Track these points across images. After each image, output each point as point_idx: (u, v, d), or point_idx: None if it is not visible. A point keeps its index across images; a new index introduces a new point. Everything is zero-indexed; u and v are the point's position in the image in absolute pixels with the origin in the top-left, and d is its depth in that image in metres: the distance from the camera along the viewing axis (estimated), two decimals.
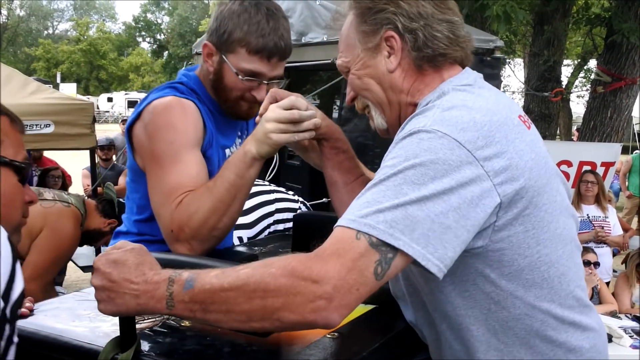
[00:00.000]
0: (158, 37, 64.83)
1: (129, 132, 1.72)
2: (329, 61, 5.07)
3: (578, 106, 20.10)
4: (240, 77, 1.69)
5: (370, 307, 1.48)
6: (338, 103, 4.95)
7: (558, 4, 7.12)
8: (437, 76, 1.30)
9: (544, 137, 8.78)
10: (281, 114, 1.47)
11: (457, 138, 1.07)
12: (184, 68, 1.94)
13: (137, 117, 1.70)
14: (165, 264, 1.16)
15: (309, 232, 2.06)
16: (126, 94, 44.59)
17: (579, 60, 21.39)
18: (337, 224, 1.08)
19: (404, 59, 1.28)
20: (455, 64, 1.31)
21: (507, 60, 5.20)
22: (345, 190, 1.57)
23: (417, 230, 1.03)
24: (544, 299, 1.18)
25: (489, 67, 5.06)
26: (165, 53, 61.51)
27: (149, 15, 65.25)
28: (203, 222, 1.54)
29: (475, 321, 1.20)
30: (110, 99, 43.50)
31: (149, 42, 65.92)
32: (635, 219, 9.59)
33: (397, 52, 1.28)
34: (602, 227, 5.80)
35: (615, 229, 5.88)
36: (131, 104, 41.76)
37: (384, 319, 1.47)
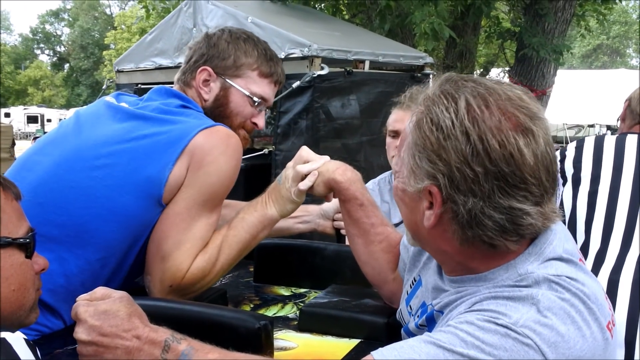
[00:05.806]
0: (58, 49, 62.22)
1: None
2: None
3: None
4: (255, 99, 1.66)
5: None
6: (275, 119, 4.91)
7: (475, 19, 7.39)
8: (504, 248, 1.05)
9: None
10: (303, 169, 1.53)
11: (546, 354, 0.93)
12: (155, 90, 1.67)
13: (202, 130, 1.48)
14: (149, 312, 1.12)
15: (272, 263, 2.00)
16: (25, 108, 42.38)
17: (482, 70, 22.31)
18: (375, 355, 0.99)
19: (447, 223, 1.05)
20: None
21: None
22: (357, 242, 1.53)
23: None
24: None
25: (420, 84, 5.14)
26: (67, 65, 59.16)
27: (47, 27, 62.46)
28: (210, 280, 1.53)
29: None
30: (7, 115, 41.13)
31: (48, 55, 63.15)
32: None
33: (436, 215, 1.04)
34: None
35: None
36: (30, 119, 39.65)
37: None
